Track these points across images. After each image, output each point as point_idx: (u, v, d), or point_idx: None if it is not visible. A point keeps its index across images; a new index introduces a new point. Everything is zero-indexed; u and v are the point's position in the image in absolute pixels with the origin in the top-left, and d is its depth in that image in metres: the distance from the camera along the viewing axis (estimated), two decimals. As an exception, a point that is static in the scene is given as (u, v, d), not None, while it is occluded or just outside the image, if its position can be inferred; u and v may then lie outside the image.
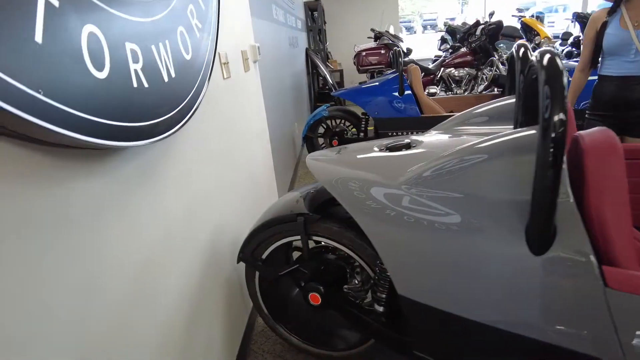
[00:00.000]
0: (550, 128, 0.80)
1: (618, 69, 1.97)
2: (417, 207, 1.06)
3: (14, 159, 0.60)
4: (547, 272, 0.89)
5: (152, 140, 0.88)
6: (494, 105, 1.56)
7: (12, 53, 0.52)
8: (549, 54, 0.88)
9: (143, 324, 0.96)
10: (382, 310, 1.34)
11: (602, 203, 0.88)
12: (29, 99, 0.54)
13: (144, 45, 0.88)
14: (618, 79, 1.98)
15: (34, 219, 0.63)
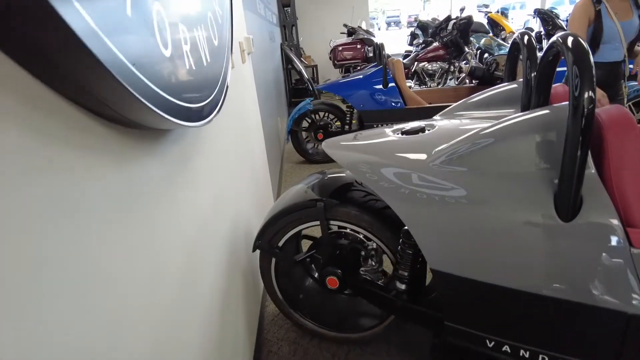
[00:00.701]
0: (580, 106, 0.87)
1: (610, 55, 2.19)
2: (449, 184, 1.11)
3: (98, 135, 0.60)
4: (575, 237, 0.97)
5: (203, 123, 0.88)
6: (494, 91, 1.64)
7: (113, 24, 0.52)
8: (572, 37, 0.95)
9: (193, 303, 0.96)
10: (405, 288, 1.39)
11: (622, 172, 0.97)
12: (129, 72, 0.54)
13: (189, 28, 0.89)
14: (612, 64, 2.21)
15: (114, 193, 0.63)
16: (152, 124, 0.69)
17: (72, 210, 0.51)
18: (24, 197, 0.43)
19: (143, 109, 0.59)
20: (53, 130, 0.49)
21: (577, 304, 1.00)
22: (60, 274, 0.48)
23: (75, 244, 0.51)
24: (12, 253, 0.40)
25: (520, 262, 1.04)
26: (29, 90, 0.45)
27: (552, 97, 1.29)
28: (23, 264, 0.42)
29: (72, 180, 0.52)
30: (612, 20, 2.11)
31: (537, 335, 1.10)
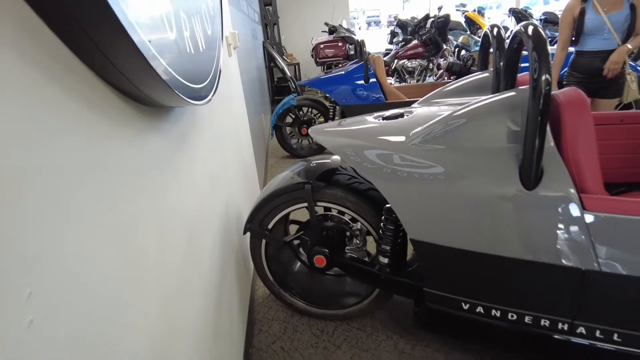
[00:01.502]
0: (538, 87, 0.99)
1: (595, 45, 2.45)
2: (426, 163, 1.22)
3: (120, 110, 0.68)
4: (537, 204, 1.09)
5: (203, 102, 0.97)
6: (467, 80, 1.77)
7: (137, 8, 0.60)
8: (532, 26, 1.07)
9: (194, 275, 1.04)
10: (387, 262, 1.50)
11: (576, 145, 1.09)
12: (146, 47, 0.63)
13: (188, 16, 0.97)
14: (594, 52, 2.46)
15: (130, 157, 0.71)
16: (162, 99, 0.77)
17: (103, 167, 0.60)
18: (65, 150, 0.51)
19: (157, 82, 0.67)
20: (89, 100, 0.57)
21: (540, 263, 1.12)
22: (86, 217, 0.56)
23: (97, 197, 0.60)
24: (51, 196, 0.49)
25: (491, 228, 1.16)
26: (77, 69, 0.54)
27: (519, 83, 1.42)
28: (59, 205, 0.50)
29: (99, 143, 0.60)
30: (598, 13, 2.36)
31: (506, 295, 1.22)
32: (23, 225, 0.42)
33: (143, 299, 0.71)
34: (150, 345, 0.72)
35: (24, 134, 0.43)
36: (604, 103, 2.63)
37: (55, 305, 0.46)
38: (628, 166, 1.97)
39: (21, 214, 0.42)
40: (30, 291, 0.42)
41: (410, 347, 1.66)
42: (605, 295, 1.09)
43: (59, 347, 0.46)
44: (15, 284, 0.40)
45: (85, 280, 0.52)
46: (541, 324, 1.19)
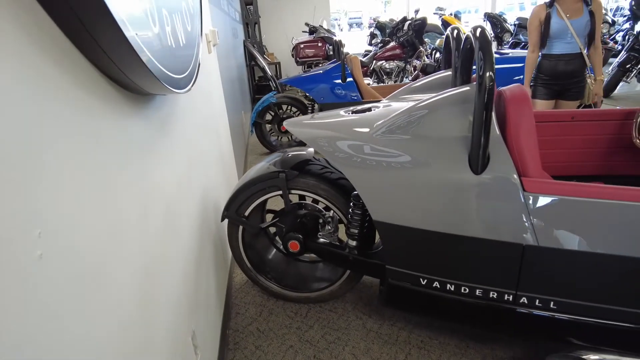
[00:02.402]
0: (483, 82, 1.12)
1: (559, 49, 2.61)
2: (387, 151, 1.34)
3: (111, 96, 0.78)
4: (484, 186, 1.22)
5: (183, 91, 1.06)
6: (432, 78, 1.91)
7: (125, 5, 0.70)
8: (480, 28, 1.21)
9: (173, 246, 1.14)
10: (355, 244, 1.62)
11: (519, 134, 1.23)
12: (133, 39, 0.72)
13: (169, 13, 1.06)
14: (559, 56, 2.63)
15: (115, 137, 0.81)
16: (146, 85, 0.86)
17: (95, 141, 0.69)
18: (65, 124, 0.61)
19: (142, 69, 0.77)
20: (84, 84, 0.67)
21: (487, 240, 1.26)
22: (80, 188, 0.66)
23: (89, 166, 0.69)
24: (52, 161, 0.58)
25: (445, 209, 1.29)
26: (75, 59, 0.63)
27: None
28: (59, 169, 0.60)
29: (93, 121, 0.70)
30: (562, 19, 2.52)
31: (459, 270, 1.35)
32: (35, 184, 0.51)
33: (126, 254, 0.80)
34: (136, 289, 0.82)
35: (29, 106, 0.53)
36: (567, 104, 2.81)
37: (59, 246, 0.55)
38: (579, 160, 2.15)
39: (31, 174, 0.51)
40: (40, 232, 0.51)
41: (378, 326, 1.79)
42: (543, 268, 1.24)
43: (62, 277, 0.56)
44: (29, 225, 0.50)
45: (82, 232, 0.62)
46: (490, 295, 1.33)
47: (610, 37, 8.09)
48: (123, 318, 0.76)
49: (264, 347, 1.72)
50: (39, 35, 0.55)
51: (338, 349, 1.68)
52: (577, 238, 1.19)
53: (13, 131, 0.48)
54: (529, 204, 1.19)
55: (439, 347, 1.65)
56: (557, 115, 2.10)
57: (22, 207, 0.49)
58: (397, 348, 1.66)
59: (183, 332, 1.16)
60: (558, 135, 2.13)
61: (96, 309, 0.66)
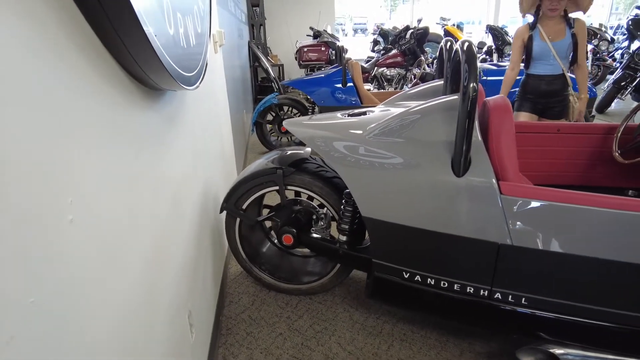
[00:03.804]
0: (467, 92, 1.23)
1: (541, 69, 2.66)
2: (378, 152, 1.45)
3: (132, 91, 0.88)
4: (465, 188, 1.33)
5: (193, 88, 1.17)
6: (426, 86, 2.02)
7: (149, 10, 0.80)
8: (468, 42, 1.31)
9: (176, 231, 1.24)
10: (345, 239, 1.72)
11: (499, 141, 1.34)
12: (154, 40, 0.82)
13: (183, 16, 1.17)
14: (541, 76, 2.68)
15: (134, 127, 0.91)
16: (160, 81, 0.96)
17: (111, 130, 0.79)
18: (89, 112, 0.71)
19: (158, 67, 0.87)
20: (109, 79, 0.77)
21: (466, 238, 1.36)
22: (98, 175, 0.76)
23: (110, 151, 0.79)
24: (66, 157, 0.68)
25: (428, 208, 1.40)
26: (103, 56, 0.73)
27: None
28: (86, 150, 0.70)
29: (114, 111, 0.80)
30: (544, 41, 2.57)
31: (439, 265, 1.45)
32: (67, 160, 0.61)
33: (140, 232, 0.90)
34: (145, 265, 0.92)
35: (59, 96, 0.63)
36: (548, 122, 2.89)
37: (87, 214, 0.65)
38: (563, 170, 2.26)
39: (64, 152, 0.61)
40: (71, 200, 0.61)
41: (364, 318, 1.88)
42: (516, 266, 1.34)
43: (87, 243, 0.66)
44: (63, 195, 0.59)
45: (104, 205, 0.72)
46: (467, 290, 1.43)
47: (609, 54, 8.24)
48: (133, 288, 0.86)
49: (254, 334, 1.81)
50: (73, 33, 0.65)
51: (324, 338, 1.77)
52: (548, 239, 1.29)
53: (51, 115, 0.58)
54: (505, 206, 1.29)
55: (421, 340, 1.74)
56: (544, 126, 2.21)
57: (57, 178, 0.59)
58: (380, 339, 1.76)
59: (181, 309, 1.26)
60: (544, 146, 2.24)
61: (114, 276, 0.75)
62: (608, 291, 1.31)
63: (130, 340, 0.85)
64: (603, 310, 1.33)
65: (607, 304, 1.32)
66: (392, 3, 34.03)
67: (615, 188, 2.25)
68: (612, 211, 1.22)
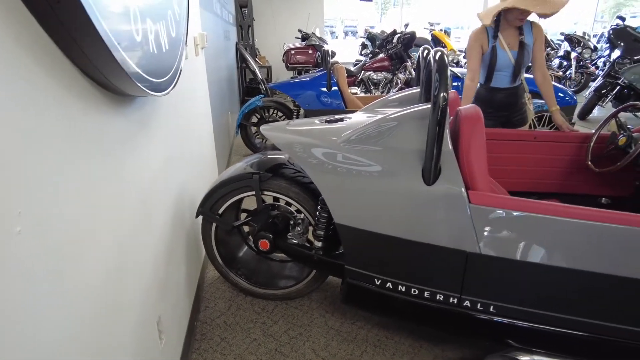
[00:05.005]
0: (438, 101, 1.24)
1: (504, 82, 2.44)
2: (351, 159, 1.45)
3: (95, 97, 0.87)
4: (435, 197, 1.34)
5: (162, 94, 1.16)
6: (404, 93, 2.04)
7: (112, 18, 0.79)
8: (440, 52, 1.33)
9: (146, 240, 1.23)
10: (321, 245, 1.72)
11: (469, 151, 1.36)
12: (117, 50, 0.82)
13: (154, 21, 1.16)
14: (502, 89, 2.46)
15: (105, 136, 0.90)
16: (125, 87, 0.96)
17: (76, 135, 0.79)
18: (54, 121, 0.70)
19: (122, 75, 0.87)
20: (67, 85, 0.76)
21: (436, 246, 1.37)
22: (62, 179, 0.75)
23: (70, 157, 0.78)
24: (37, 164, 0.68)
25: (400, 216, 1.41)
26: (60, 63, 0.73)
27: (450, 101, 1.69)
28: (41, 157, 0.69)
29: (73, 118, 0.79)
30: (505, 50, 2.37)
31: (410, 272, 1.46)
32: (17, 171, 0.61)
33: (100, 237, 0.89)
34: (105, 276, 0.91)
35: (14, 103, 0.62)
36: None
37: (35, 224, 0.65)
38: (539, 178, 2.30)
39: (13, 163, 0.61)
40: (20, 211, 0.60)
41: (339, 324, 1.89)
42: (484, 274, 1.36)
43: (37, 252, 0.65)
44: (11, 206, 0.59)
45: (58, 215, 0.71)
46: (437, 298, 1.45)
47: (592, 62, 8.40)
48: (93, 295, 0.85)
49: (229, 339, 1.81)
50: (24, 36, 0.65)
51: (299, 343, 1.78)
52: (515, 248, 1.31)
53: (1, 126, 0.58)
54: (473, 215, 1.31)
55: (394, 346, 1.75)
56: (521, 134, 2.25)
57: (3, 190, 0.58)
58: (354, 345, 1.76)
59: (149, 316, 1.25)
60: (521, 154, 2.27)
61: (70, 286, 0.75)
62: (574, 300, 1.34)
63: (92, 347, 0.85)
64: (569, 319, 1.36)
65: (573, 313, 1.35)
66: (383, 6, 34.24)
67: (589, 195, 2.30)
68: (578, 221, 1.25)
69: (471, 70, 2.43)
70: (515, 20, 2.27)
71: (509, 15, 2.27)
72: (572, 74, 8.08)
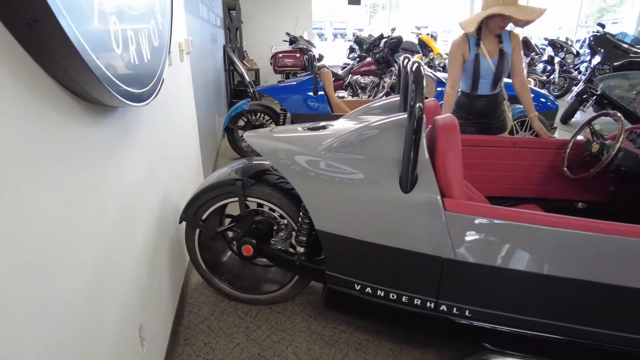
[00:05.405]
0: (414, 111, 1.28)
1: (486, 89, 2.48)
2: (332, 167, 1.49)
3: (70, 106, 0.89)
4: (411, 204, 1.38)
5: (143, 104, 1.18)
6: (386, 101, 2.08)
7: (88, 32, 0.81)
8: (416, 64, 1.37)
9: (128, 247, 1.24)
10: (303, 251, 1.75)
11: (445, 160, 1.40)
12: (94, 62, 0.84)
13: (135, 33, 1.18)
14: (483, 96, 2.49)
15: (84, 146, 0.92)
16: (104, 100, 0.98)
17: (52, 145, 0.80)
18: (27, 136, 0.72)
19: (100, 88, 0.88)
20: (46, 98, 0.78)
21: (413, 252, 1.41)
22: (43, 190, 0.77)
23: (51, 169, 0.80)
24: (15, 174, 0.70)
25: (379, 223, 1.44)
26: (34, 74, 0.74)
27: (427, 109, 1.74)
28: (25, 180, 0.71)
29: (52, 130, 0.81)
30: (486, 58, 2.42)
31: (388, 278, 1.50)
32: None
33: (79, 247, 0.91)
34: (85, 286, 0.92)
35: None
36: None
37: (9, 236, 0.66)
38: (518, 183, 2.36)
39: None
40: (-4, 225, 0.62)
41: (321, 328, 1.92)
42: (459, 279, 1.40)
43: (13, 263, 0.67)
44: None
45: (35, 225, 0.73)
46: (414, 302, 1.49)
47: (574, 67, 8.58)
48: (72, 305, 0.86)
49: (212, 344, 1.82)
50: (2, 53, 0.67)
51: (281, 348, 1.80)
52: (489, 254, 1.35)
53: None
54: (449, 222, 1.35)
55: (375, 350, 1.79)
56: (501, 141, 2.30)
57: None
58: (336, 349, 1.79)
59: (130, 323, 1.26)
60: (500, 160, 2.33)
61: (49, 296, 0.76)
62: (546, 304, 1.38)
63: (72, 356, 0.86)
64: (542, 322, 1.41)
65: (545, 316, 1.40)
66: (372, 9, 34.42)
67: (567, 200, 2.37)
68: (548, 228, 1.29)
69: (452, 78, 2.47)
70: (496, 27, 2.32)
71: (490, 23, 2.32)
72: (556, 78, 8.25)
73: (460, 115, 2.60)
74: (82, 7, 0.79)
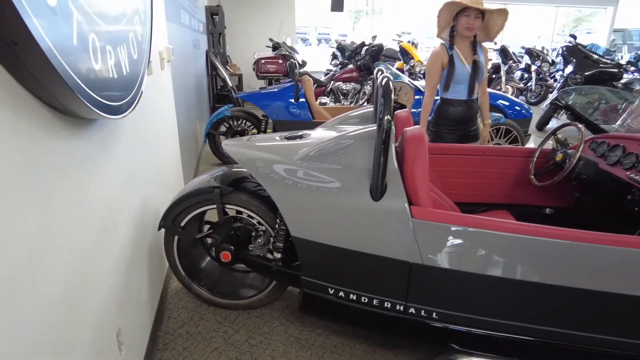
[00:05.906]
0: (382, 123, 1.35)
1: (462, 94, 2.54)
2: (305, 176, 1.55)
3: (48, 120, 0.93)
4: (381, 211, 1.45)
5: (121, 116, 1.22)
6: (362, 111, 2.15)
7: (66, 49, 0.86)
8: (386, 78, 1.44)
9: (107, 254, 1.28)
10: (280, 257, 1.80)
11: (413, 169, 1.47)
12: (71, 78, 0.88)
13: (114, 47, 1.22)
14: (461, 101, 2.55)
15: (59, 159, 0.95)
16: (83, 113, 1.02)
17: (33, 161, 0.84)
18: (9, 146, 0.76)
19: (79, 102, 0.93)
20: (23, 112, 0.82)
21: (383, 257, 1.48)
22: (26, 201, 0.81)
23: (28, 182, 0.84)
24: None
25: (351, 229, 1.51)
26: (11, 87, 0.78)
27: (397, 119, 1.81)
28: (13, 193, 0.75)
29: (30, 143, 0.85)
30: (462, 63, 2.50)
31: (360, 282, 1.57)
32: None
33: (58, 255, 0.94)
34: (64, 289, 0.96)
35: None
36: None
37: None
38: (489, 190, 2.46)
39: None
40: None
41: (298, 331, 1.97)
42: (426, 283, 1.47)
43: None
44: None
45: (14, 236, 0.77)
46: (385, 305, 1.55)
47: (550, 75, 8.85)
48: (49, 310, 0.90)
49: (190, 349, 1.85)
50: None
51: (259, 351, 1.84)
52: (453, 259, 1.43)
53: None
54: (415, 228, 1.42)
55: (349, 352, 1.85)
56: (472, 149, 2.40)
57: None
58: (312, 352, 1.85)
59: (108, 328, 1.29)
60: (471, 167, 2.42)
61: (25, 302, 0.80)
62: (507, 306, 1.47)
63: (48, 359, 0.90)
64: (505, 323, 1.49)
65: (507, 317, 1.48)
66: (355, 15, 34.72)
67: (535, 206, 2.48)
68: (508, 234, 1.38)
69: (430, 88, 2.55)
70: (463, 29, 2.40)
71: (458, 24, 2.41)
72: (533, 86, 8.52)
73: (440, 122, 2.67)
74: (62, 29, 0.84)
